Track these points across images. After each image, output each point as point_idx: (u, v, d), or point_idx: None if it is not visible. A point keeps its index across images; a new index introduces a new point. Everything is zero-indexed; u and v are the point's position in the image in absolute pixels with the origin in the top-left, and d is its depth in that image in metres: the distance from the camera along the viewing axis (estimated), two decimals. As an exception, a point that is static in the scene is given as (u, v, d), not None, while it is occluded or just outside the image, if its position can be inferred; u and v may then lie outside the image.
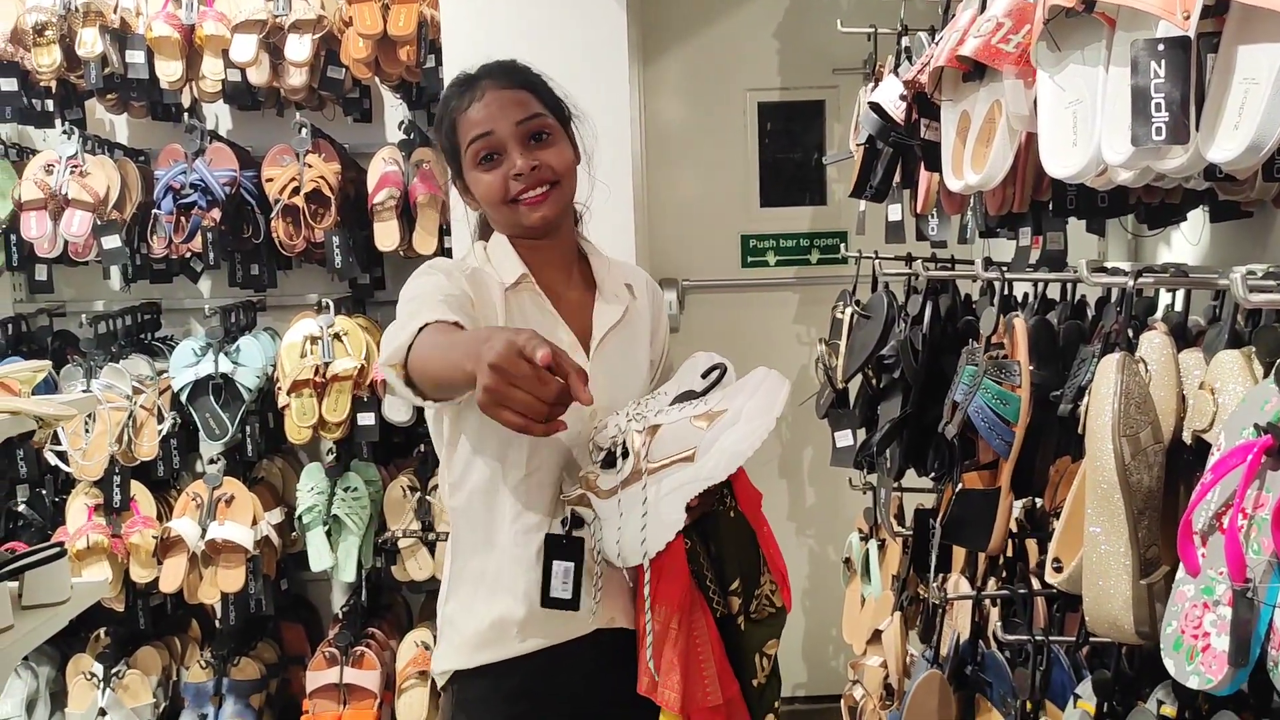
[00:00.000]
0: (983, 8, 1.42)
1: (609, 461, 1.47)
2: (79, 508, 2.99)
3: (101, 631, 3.14)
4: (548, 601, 1.48)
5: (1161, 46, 1.00)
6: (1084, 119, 1.15)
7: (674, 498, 1.41)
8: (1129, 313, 1.28)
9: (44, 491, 3.11)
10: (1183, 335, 1.33)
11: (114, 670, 3.05)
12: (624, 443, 1.44)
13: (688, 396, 1.50)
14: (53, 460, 2.96)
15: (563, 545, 1.48)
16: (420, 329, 1.33)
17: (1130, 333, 1.27)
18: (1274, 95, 0.95)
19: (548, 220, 1.56)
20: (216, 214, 2.96)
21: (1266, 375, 1.05)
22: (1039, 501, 1.73)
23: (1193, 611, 0.98)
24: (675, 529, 1.42)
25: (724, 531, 1.52)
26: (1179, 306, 1.46)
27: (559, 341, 1.50)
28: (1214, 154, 1.00)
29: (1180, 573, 1.01)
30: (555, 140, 1.57)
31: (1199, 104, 1.01)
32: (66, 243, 2.99)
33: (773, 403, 1.41)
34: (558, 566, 1.48)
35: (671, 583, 1.47)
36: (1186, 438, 1.15)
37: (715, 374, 1.51)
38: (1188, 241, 2.00)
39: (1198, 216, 1.87)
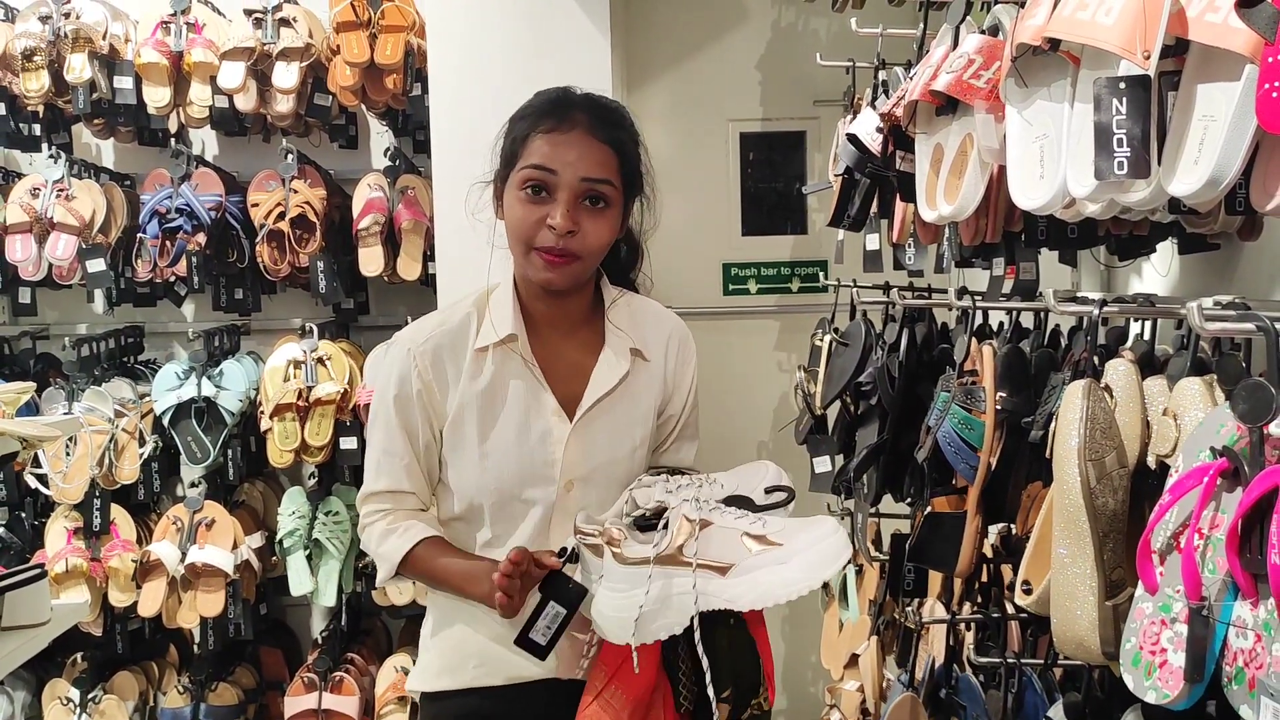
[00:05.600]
0: (955, 44, 1.46)
1: (642, 524, 1.41)
2: (58, 531, 2.98)
3: (79, 656, 3.13)
4: (522, 639, 1.42)
5: (1123, 84, 1.04)
6: (1050, 153, 1.19)
7: (687, 602, 1.34)
8: (1095, 341, 1.31)
9: (23, 514, 3.10)
10: (1150, 363, 1.37)
11: (91, 695, 3.04)
12: (668, 520, 1.38)
13: (742, 503, 1.43)
14: (33, 483, 2.95)
15: (566, 589, 1.41)
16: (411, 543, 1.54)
17: (1097, 360, 1.30)
18: (1231, 131, 0.98)
19: (553, 285, 1.53)
20: (202, 238, 2.98)
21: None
22: (1014, 527, 1.76)
23: (1150, 628, 1.01)
24: (670, 632, 1.37)
25: (722, 640, 1.44)
26: (1148, 336, 1.50)
27: (543, 408, 1.55)
28: (1175, 188, 1.03)
29: (1139, 590, 1.04)
30: (607, 214, 1.53)
31: (1160, 140, 1.05)
32: (51, 266, 3.00)
33: (827, 564, 1.34)
34: (550, 608, 1.40)
35: (634, 678, 1.41)
36: (1151, 462, 1.17)
37: (778, 498, 1.46)
38: (1157, 273, 2.04)
39: (1167, 248, 1.91)
